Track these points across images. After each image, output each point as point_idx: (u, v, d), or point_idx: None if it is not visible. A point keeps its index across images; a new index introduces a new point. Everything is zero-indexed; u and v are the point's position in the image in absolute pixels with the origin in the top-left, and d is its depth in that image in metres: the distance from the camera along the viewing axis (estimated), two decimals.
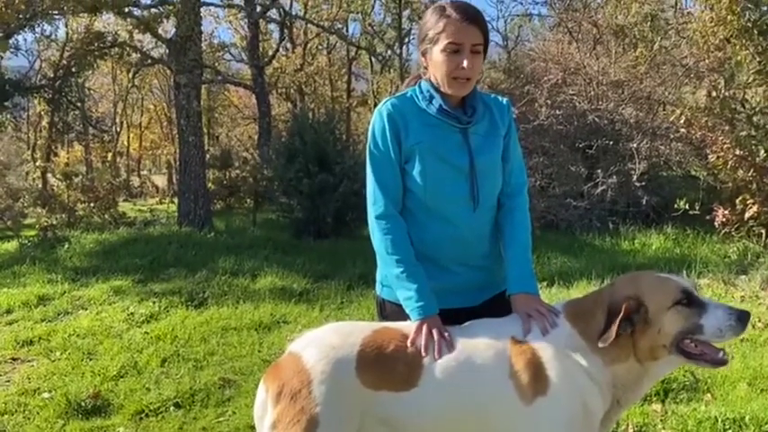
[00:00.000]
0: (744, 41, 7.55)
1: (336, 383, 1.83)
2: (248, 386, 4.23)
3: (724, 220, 7.53)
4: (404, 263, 2.06)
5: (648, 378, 1.90)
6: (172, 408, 3.96)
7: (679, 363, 1.88)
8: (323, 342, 1.92)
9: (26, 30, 13.94)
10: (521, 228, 2.20)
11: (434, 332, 1.93)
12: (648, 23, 12.10)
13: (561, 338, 1.87)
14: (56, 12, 12.00)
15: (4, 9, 10.09)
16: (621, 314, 1.78)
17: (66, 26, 19.26)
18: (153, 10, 12.94)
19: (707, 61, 9.35)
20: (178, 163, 13.36)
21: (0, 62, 17.40)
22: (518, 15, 23.19)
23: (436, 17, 2.07)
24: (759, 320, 5.26)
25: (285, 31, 21.58)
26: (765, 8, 7.39)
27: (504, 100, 2.26)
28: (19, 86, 17.75)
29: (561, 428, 1.80)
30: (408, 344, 1.92)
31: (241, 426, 3.66)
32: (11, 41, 14.22)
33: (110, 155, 27.67)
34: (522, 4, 31.42)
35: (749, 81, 7.90)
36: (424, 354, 1.89)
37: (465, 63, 2.03)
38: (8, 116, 21.83)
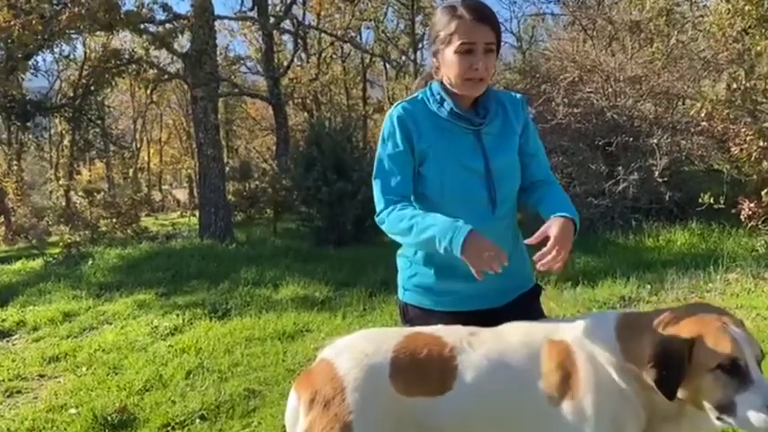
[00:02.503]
0: (763, 31, 7.43)
1: (370, 391, 1.81)
2: (273, 396, 4.22)
3: (750, 213, 7.39)
4: (410, 219, 1.96)
5: (690, 421, 1.75)
6: (198, 420, 3.96)
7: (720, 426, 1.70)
8: (355, 349, 1.90)
9: (45, 50, 14.14)
10: (563, 194, 2.13)
11: (485, 257, 1.83)
12: (664, 18, 11.95)
13: (601, 348, 1.80)
14: (72, 31, 12.13)
15: (22, 31, 10.23)
16: (684, 364, 1.64)
17: (84, 45, 19.54)
18: (167, 25, 13.07)
19: (725, 53, 9.19)
20: (198, 176, 13.45)
21: (21, 83, 17.69)
22: (531, 15, 23.08)
23: (447, 17, 2.02)
24: None
25: (299, 41, 21.67)
26: None
27: (518, 95, 2.22)
28: (40, 107, 18.04)
29: None
30: (478, 277, 1.83)
31: None
32: (30, 62, 14.44)
33: (131, 171, 27.95)
34: (534, 4, 31.20)
35: None
36: (498, 271, 1.81)
37: (479, 64, 1.99)
38: (30, 136, 22.20)
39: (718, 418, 1.66)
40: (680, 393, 1.68)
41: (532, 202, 2.17)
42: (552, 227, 1.92)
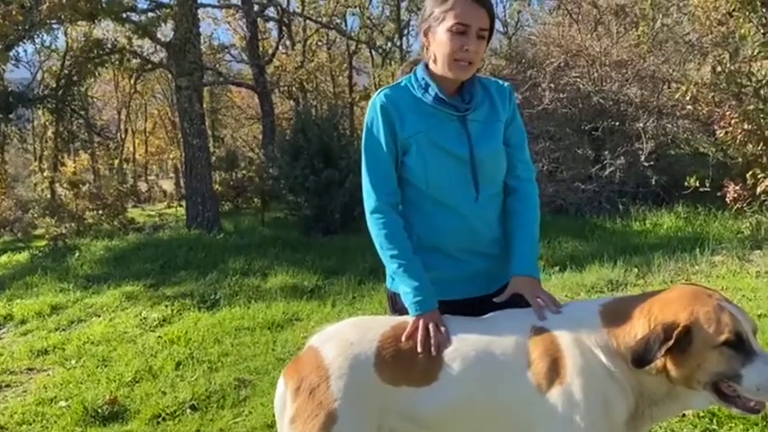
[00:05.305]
0: (747, 14, 7.45)
1: (354, 379, 1.82)
2: (264, 385, 4.22)
3: (735, 195, 7.46)
4: (399, 258, 2.04)
5: (680, 402, 1.79)
6: (188, 410, 3.96)
7: (712, 401, 1.74)
8: (341, 337, 1.91)
9: (26, 41, 13.94)
10: (533, 213, 2.16)
11: (431, 327, 1.91)
12: (649, 1, 11.97)
13: (588, 333, 1.80)
14: (54, 21, 11.98)
15: (2, 21, 10.10)
16: (672, 342, 1.66)
17: (66, 35, 19.28)
18: (150, 14, 12.92)
19: (710, 36, 9.22)
20: (184, 166, 13.36)
21: (2, 75, 17.46)
22: (517, 0, 23.02)
23: None
24: None
25: (284, 28, 21.49)
26: None
27: (506, 84, 2.20)
28: (22, 98, 17.80)
29: (578, 419, 1.73)
30: (403, 339, 1.89)
31: (258, 425, 3.65)
32: (11, 53, 14.24)
33: (116, 162, 27.71)
34: None
35: (754, 54, 7.80)
36: (419, 350, 1.86)
37: (470, 46, 1.97)
38: (13, 128, 21.94)
39: (716, 390, 1.70)
40: (675, 373, 1.70)
41: (505, 215, 2.20)
42: (521, 289, 2.03)
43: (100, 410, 3.97)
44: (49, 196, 17.99)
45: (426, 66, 2.10)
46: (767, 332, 4.23)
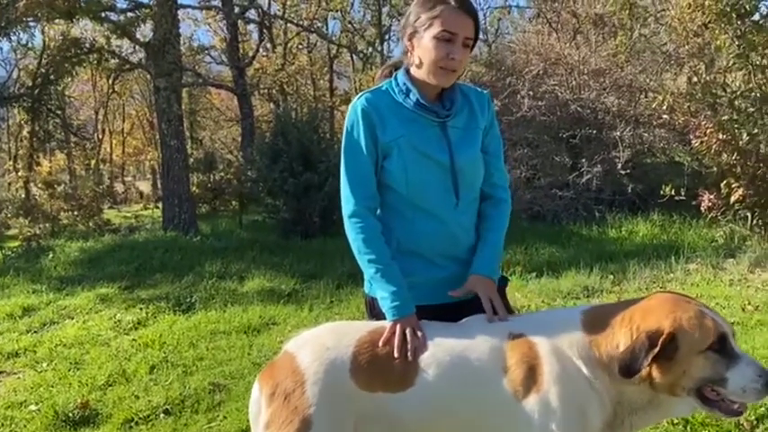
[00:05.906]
0: (722, 26, 7.57)
1: (330, 385, 1.81)
2: (239, 390, 4.18)
3: (710, 204, 7.57)
4: (376, 263, 2.03)
5: (662, 410, 1.79)
6: (162, 415, 3.91)
7: (695, 406, 1.75)
8: (317, 342, 1.90)
9: (1, 38, 13.74)
10: (503, 220, 2.20)
11: (408, 332, 1.90)
12: (627, 11, 12.12)
13: (568, 341, 1.80)
14: (30, 19, 11.82)
15: None
16: (657, 350, 1.66)
17: (43, 33, 19.03)
18: (129, 14, 12.80)
19: (686, 47, 9.35)
20: (161, 168, 13.24)
21: None
22: (497, 8, 23.20)
23: (432, 1, 2.01)
24: (749, 303, 5.29)
25: (264, 31, 21.43)
26: None
27: (485, 91, 2.22)
28: None
29: (554, 426, 1.73)
30: (380, 344, 1.89)
31: (233, 430, 3.62)
32: None
33: (92, 162, 27.35)
34: None
35: (729, 65, 7.93)
36: (396, 355, 1.86)
37: (456, 54, 1.98)
38: None
39: (699, 396, 1.70)
40: (661, 381, 1.71)
41: (478, 218, 2.22)
42: (477, 288, 2.05)
43: (71, 415, 3.90)
44: (23, 196, 17.71)
45: (407, 71, 2.10)
46: (740, 341, 4.28)
